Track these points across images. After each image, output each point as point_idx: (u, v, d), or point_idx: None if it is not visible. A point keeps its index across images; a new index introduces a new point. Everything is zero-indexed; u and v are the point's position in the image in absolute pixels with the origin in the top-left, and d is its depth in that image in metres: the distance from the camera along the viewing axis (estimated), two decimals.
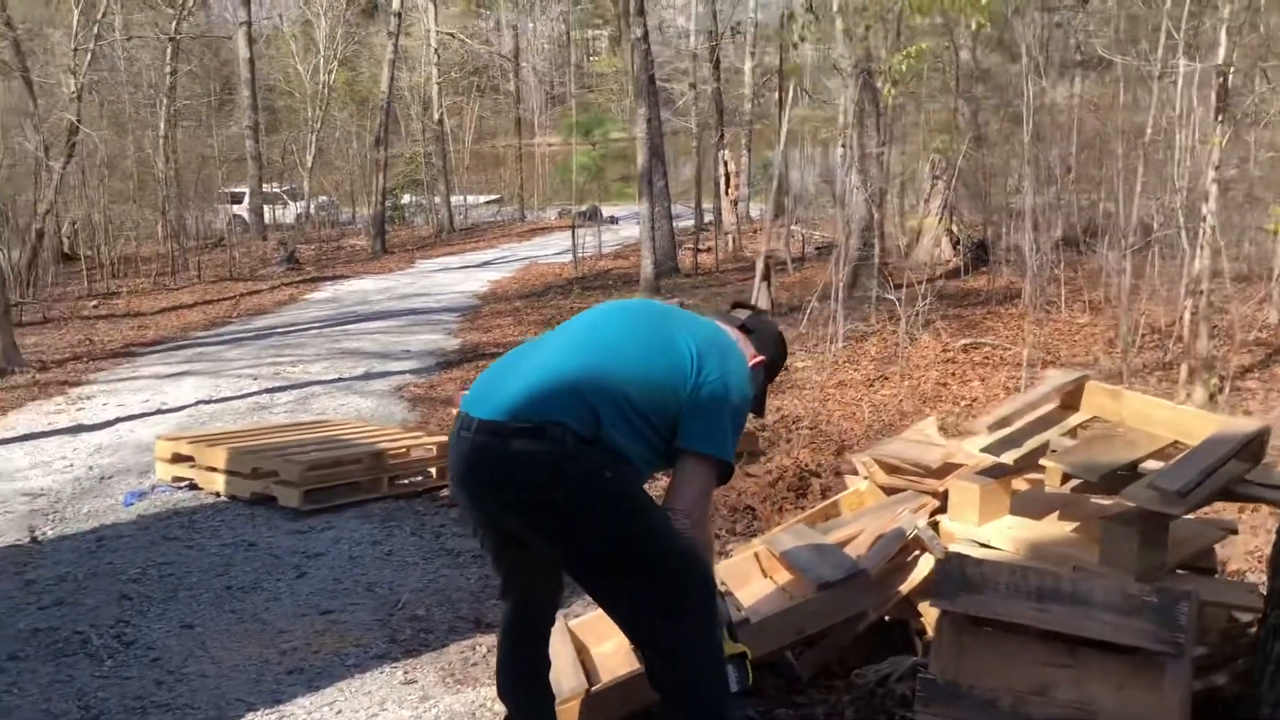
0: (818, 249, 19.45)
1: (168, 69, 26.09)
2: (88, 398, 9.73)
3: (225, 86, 32.74)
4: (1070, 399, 3.51)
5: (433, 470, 6.14)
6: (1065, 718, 2.80)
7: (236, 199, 30.41)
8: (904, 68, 8.77)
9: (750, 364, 2.72)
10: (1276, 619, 2.76)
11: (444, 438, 5.70)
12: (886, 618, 3.62)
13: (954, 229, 16.50)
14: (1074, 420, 3.46)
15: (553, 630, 3.34)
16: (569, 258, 18.95)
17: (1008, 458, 3.22)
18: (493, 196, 35.88)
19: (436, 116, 29.27)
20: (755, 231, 23.91)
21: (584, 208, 30.66)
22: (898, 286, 11.73)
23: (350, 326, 13.89)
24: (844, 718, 3.10)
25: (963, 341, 10.16)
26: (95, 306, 17.77)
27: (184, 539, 5.16)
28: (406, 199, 33.30)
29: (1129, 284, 9.12)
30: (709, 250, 20.08)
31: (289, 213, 31.20)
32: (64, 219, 24.08)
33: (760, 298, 13.18)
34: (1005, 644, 2.95)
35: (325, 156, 30.50)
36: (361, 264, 22.99)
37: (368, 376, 10.05)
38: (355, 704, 3.36)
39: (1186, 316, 7.64)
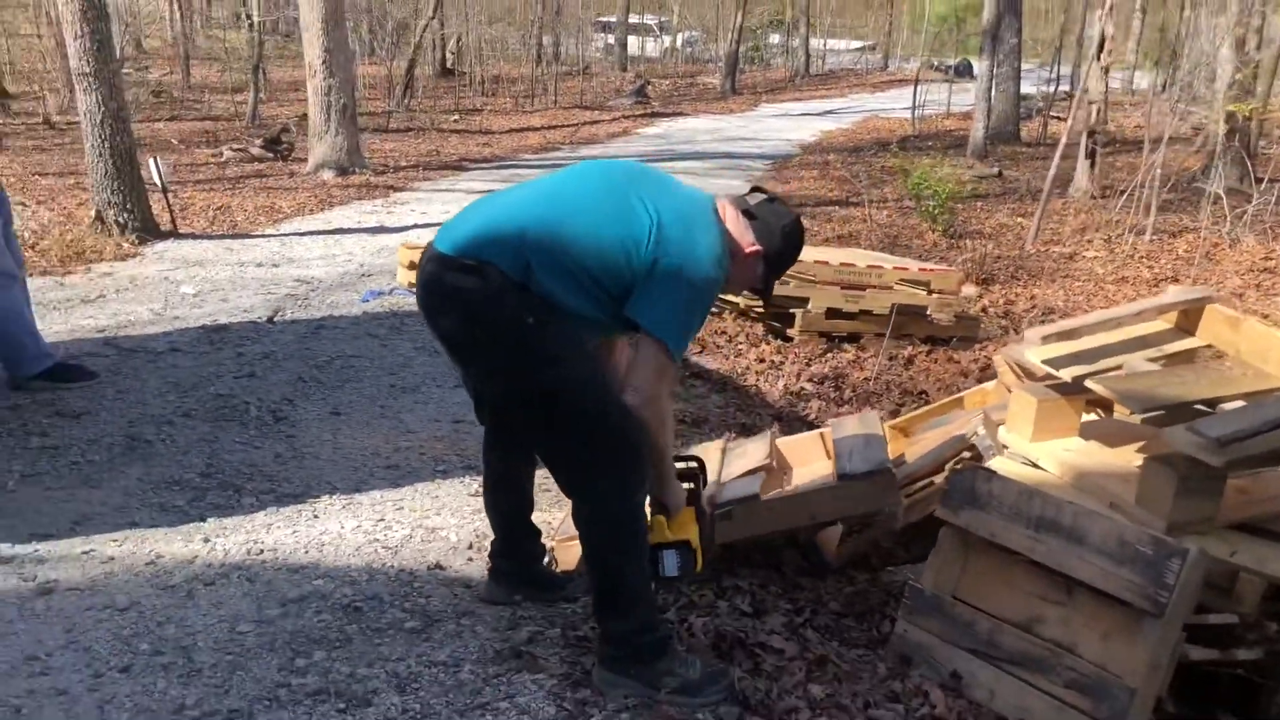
0: (1196, 129, 17.35)
1: None
2: (402, 203, 10.71)
3: None
4: (1187, 321, 3.06)
5: None
6: (1031, 656, 2.59)
7: (609, 28, 31.34)
8: None
9: (746, 251, 2.58)
10: None
11: None
12: None
13: None
14: (1182, 345, 3.03)
15: None
16: (918, 113, 18.17)
17: (1068, 374, 2.89)
18: (863, 43, 34.62)
19: None
20: (1131, 104, 21.69)
21: (954, 61, 28.97)
22: (1258, 180, 10.36)
23: (661, 164, 14.16)
24: (827, 607, 3.02)
25: None
26: (455, 121, 19.16)
27: (383, 338, 5.68)
28: (775, 39, 32.86)
29: None
30: (1065, 119, 18.42)
31: (657, 46, 31.77)
32: (450, 38, 25.93)
33: (1081, 177, 12.12)
34: (1007, 568, 2.74)
35: None
36: (705, 103, 23.18)
37: None
38: (416, 504, 3.66)
39: None
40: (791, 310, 6.05)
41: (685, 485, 2.78)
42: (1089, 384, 2.78)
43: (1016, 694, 2.61)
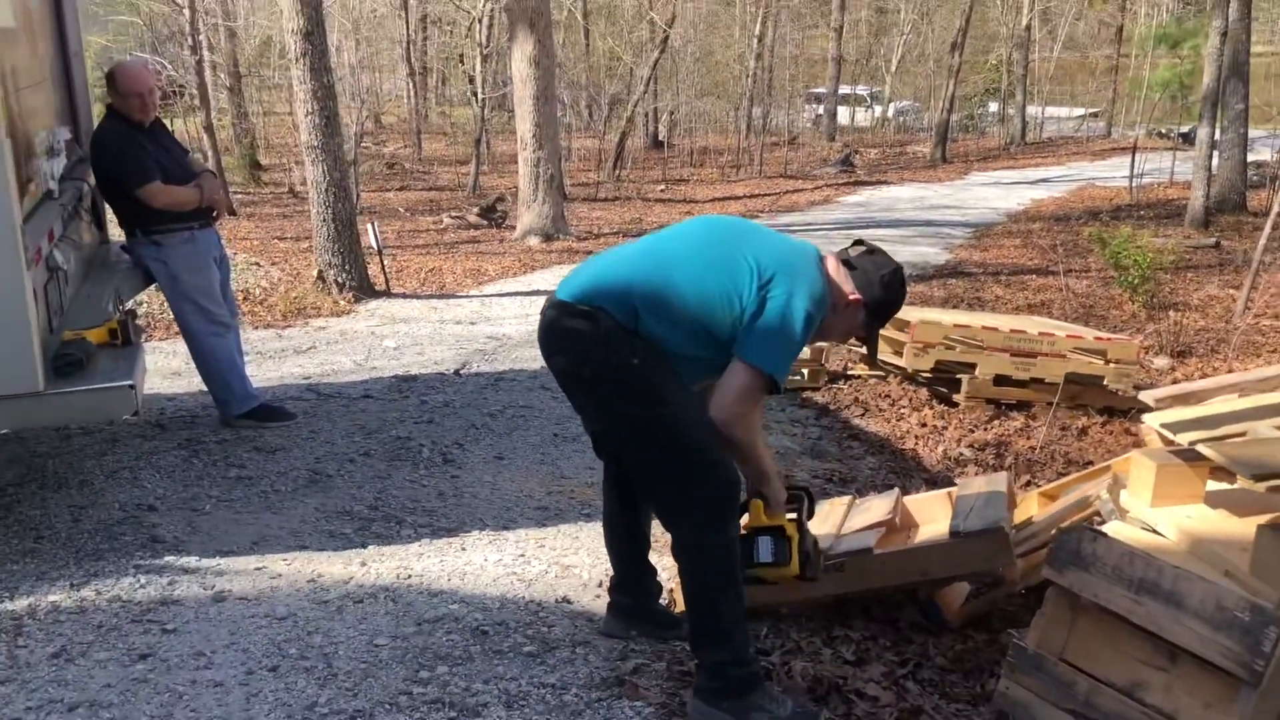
0: None
1: None
2: None
3: None
4: None
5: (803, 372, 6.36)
6: None
7: (820, 99, 31.63)
8: None
9: (848, 299, 2.73)
10: None
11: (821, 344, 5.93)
12: None
13: None
14: None
15: None
16: (1137, 182, 17.56)
17: (1185, 439, 2.84)
18: (1085, 110, 33.54)
19: (1025, 22, 27.85)
20: None
21: (1186, 128, 27.62)
22: None
23: (857, 232, 14.18)
24: (932, 662, 3.04)
25: None
26: (661, 190, 19.78)
27: (554, 391, 5.96)
28: (993, 108, 32.31)
29: None
30: None
31: (867, 116, 31.80)
32: (662, 111, 26.84)
33: None
34: (1112, 631, 2.71)
35: (905, 64, 30.46)
36: (913, 171, 23.00)
37: None
38: (556, 543, 3.89)
39: None
40: (958, 376, 6.02)
41: (790, 515, 2.89)
42: (1200, 448, 2.74)
43: None
